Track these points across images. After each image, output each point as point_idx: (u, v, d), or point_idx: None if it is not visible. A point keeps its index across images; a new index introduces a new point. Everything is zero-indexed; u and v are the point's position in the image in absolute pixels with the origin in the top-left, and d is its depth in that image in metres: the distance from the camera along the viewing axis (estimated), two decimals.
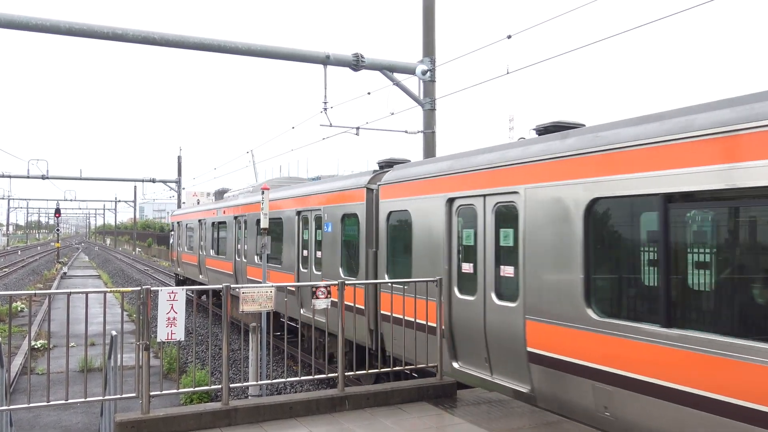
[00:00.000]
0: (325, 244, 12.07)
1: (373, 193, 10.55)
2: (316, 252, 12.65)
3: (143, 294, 6.02)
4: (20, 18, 11.14)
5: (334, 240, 11.71)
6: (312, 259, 12.90)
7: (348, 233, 11.37)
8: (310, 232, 12.96)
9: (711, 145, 5.05)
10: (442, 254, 8.58)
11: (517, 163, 7.33)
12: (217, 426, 6.15)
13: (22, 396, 11.08)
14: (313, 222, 12.88)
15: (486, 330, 7.70)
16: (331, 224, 11.83)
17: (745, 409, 4.70)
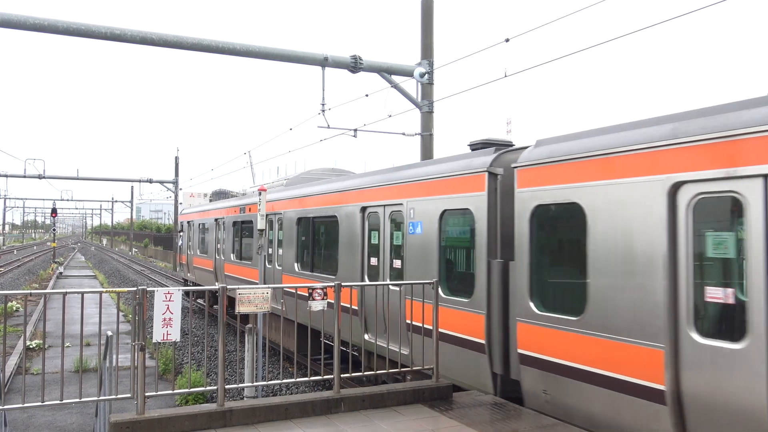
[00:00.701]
0: (409, 250, 9.28)
1: (497, 181, 7.80)
2: (392, 261, 9.91)
3: (139, 294, 6.01)
4: (18, 17, 11.13)
5: (424, 246, 8.92)
6: (385, 269, 10.07)
7: (451, 236, 8.67)
8: (383, 235, 10.13)
9: None
10: (661, 269, 5.49)
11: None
12: (213, 427, 6.14)
13: (16, 396, 11.06)
14: (387, 221, 10.10)
15: None
16: (421, 224, 9.05)
17: None
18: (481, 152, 8.42)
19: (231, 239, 18.20)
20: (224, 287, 6.50)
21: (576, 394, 6.34)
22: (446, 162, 8.93)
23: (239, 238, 17.63)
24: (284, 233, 14.08)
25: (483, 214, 7.84)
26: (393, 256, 9.93)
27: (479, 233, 7.88)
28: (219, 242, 19.56)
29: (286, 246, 13.96)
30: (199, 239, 22.74)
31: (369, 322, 10.25)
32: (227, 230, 18.61)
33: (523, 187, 7.29)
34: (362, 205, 10.76)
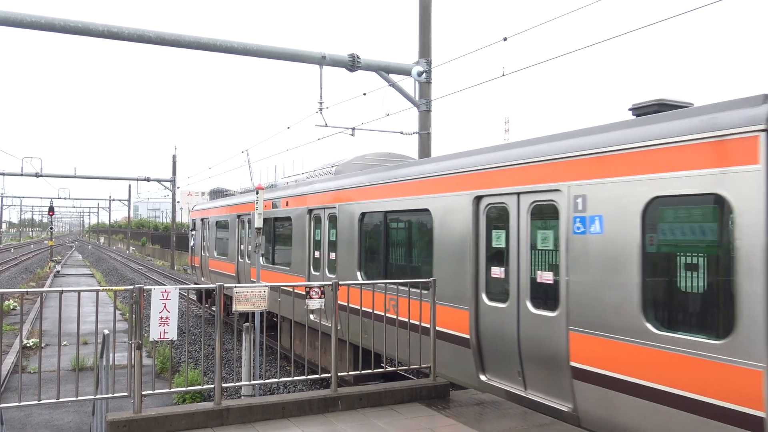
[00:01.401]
0: (575, 260, 6.40)
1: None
2: (535, 273, 7.02)
3: (136, 293, 6.00)
4: (15, 15, 11.09)
5: (608, 253, 6.05)
6: (521, 285, 7.17)
7: (671, 238, 5.81)
8: (518, 235, 7.25)
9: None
10: None
11: None
12: (210, 426, 6.14)
13: (13, 394, 11.02)
14: (525, 216, 7.15)
15: None
16: (600, 219, 6.15)
17: None
18: (724, 105, 5.32)
19: (264, 239, 15.77)
20: (221, 286, 6.49)
21: None
22: (638, 126, 6.01)
23: (271, 238, 15.19)
24: (339, 233, 11.15)
25: (755, 202, 4.85)
26: (538, 268, 6.97)
27: (745, 233, 4.91)
28: (243, 243, 16.83)
29: (343, 249, 11.05)
30: (216, 239, 19.87)
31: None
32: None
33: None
34: (476, 194, 7.71)
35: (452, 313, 8.03)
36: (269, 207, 14.64)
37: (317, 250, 12.32)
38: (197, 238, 22.78)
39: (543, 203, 6.95)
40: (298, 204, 13.14)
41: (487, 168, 7.71)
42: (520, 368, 7.09)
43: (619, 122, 6.38)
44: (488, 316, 7.56)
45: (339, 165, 12.90)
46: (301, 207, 13.03)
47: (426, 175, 8.92)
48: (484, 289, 7.69)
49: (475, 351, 7.70)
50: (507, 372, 7.33)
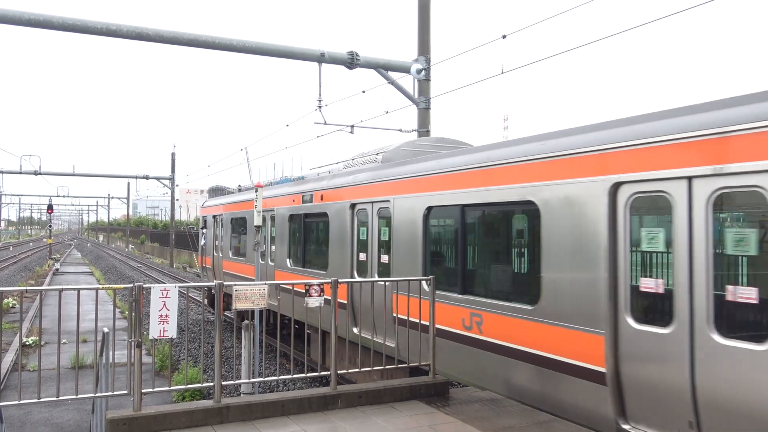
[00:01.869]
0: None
1: None
2: (720, 286, 5.10)
3: (135, 291, 6.00)
4: (13, 12, 11.08)
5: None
6: (694, 305, 5.19)
7: None
8: (677, 235, 5.36)
9: None
10: None
11: None
12: (209, 424, 6.14)
13: (12, 393, 11.03)
14: (703, 208, 5.17)
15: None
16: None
17: None
18: None
19: (288, 239, 13.53)
20: (221, 284, 6.49)
21: None
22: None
23: (300, 236, 12.98)
24: (395, 232, 9.43)
25: None
26: (729, 281, 5.08)
27: None
28: (265, 242, 15.19)
29: (399, 251, 9.27)
30: (232, 238, 17.83)
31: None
32: (281, 227, 13.97)
33: None
34: (615, 180, 5.82)
35: (576, 338, 6.19)
36: (298, 202, 12.98)
37: (363, 252, 10.41)
38: (209, 237, 20.46)
39: (738, 191, 4.95)
40: (337, 198, 11.21)
41: (637, 144, 5.68)
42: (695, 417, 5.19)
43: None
44: (635, 343, 5.65)
45: (386, 152, 11.02)
46: (340, 201, 11.10)
47: (530, 157, 6.91)
48: (627, 307, 5.73)
49: (614, 390, 5.80)
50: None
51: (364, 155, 11.77)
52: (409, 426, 6.27)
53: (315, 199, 12.24)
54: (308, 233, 12.86)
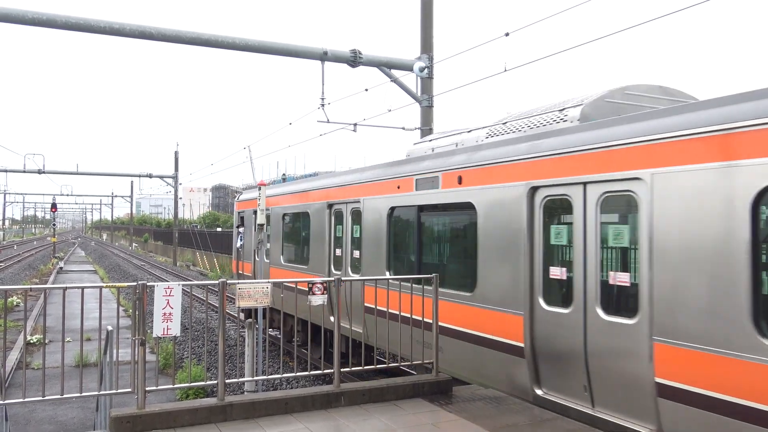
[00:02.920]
0: None
1: None
2: None
3: (139, 289, 6.02)
4: (16, 12, 11.10)
5: None
6: None
7: None
8: None
9: None
10: None
11: None
12: (213, 421, 6.15)
13: (17, 391, 11.08)
14: None
15: None
16: None
17: None
18: None
19: (386, 243, 9.89)
20: (224, 282, 6.50)
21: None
22: None
23: (413, 237, 9.47)
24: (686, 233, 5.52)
25: None
26: None
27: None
28: (344, 245, 11.37)
29: (677, 269, 5.53)
30: (285, 240, 14.40)
31: None
32: (373, 226, 10.24)
33: None
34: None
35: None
36: (408, 188, 9.29)
37: (558, 265, 6.91)
38: (246, 238, 16.87)
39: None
40: (496, 179, 7.53)
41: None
42: None
43: None
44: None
45: (584, 104, 7.44)
46: (505, 185, 7.41)
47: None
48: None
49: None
50: None
51: (542, 111, 8.05)
52: (412, 424, 6.28)
53: (444, 182, 8.55)
54: (431, 233, 9.31)
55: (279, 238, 14.54)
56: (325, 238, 12.02)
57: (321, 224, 12.15)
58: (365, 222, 10.50)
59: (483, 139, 8.67)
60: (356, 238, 11.01)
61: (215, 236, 47.02)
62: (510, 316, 7.38)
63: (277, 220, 14.61)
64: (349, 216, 11.24)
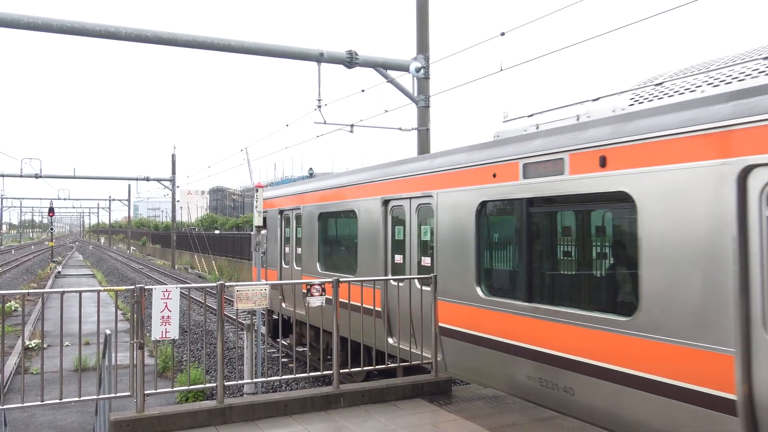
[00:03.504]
0: None
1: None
2: None
3: (137, 293, 6.01)
4: (12, 16, 11.08)
5: None
6: None
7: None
8: None
9: None
10: None
11: None
12: (213, 424, 6.15)
13: (16, 395, 11.05)
14: None
15: None
16: None
17: None
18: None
19: (475, 248, 7.75)
20: (222, 284, 6.49)
21: None
22: None
23: (521, 246, 7.17)
24: None
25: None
26: None
27: None
28: (409, 252, 9.32)
29: None
30: (322, 244, 12.27)
31: None
32: (454, 226, 8.17)
33: None
34: None
35: None
36: (510, 176, 7.15)
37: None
38: (272, 242, 14.64)
39: None
40: (671, 158, 5.38)
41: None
42: None
43: None
44: None
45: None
46: (688, 166, 5.25)
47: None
48: None
49: None
50: None
51: (704, 69, 6.16)
52: (412, 424, 6.28)
53: (574, 165, 6.39)
54: (529, 234, 7.07)
55: (314, 242, 12.34)
56: (378, 241, 9.89)
57: (373, 225, 10.06)
58: (441, 221, 8.36)
59: (626, 107, 6.51)
60: (425, 242, 8.92)
61: (213, 239, 46.99)
62: (707, 353, 4.93)
63: (310, 220, 12.50)
64: (415, 214, 9.14)
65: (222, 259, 43.26)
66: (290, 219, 13.85)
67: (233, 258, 41.56)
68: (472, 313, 7.61)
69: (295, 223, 13.51)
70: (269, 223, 14.65)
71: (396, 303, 8.76)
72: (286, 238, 14.04)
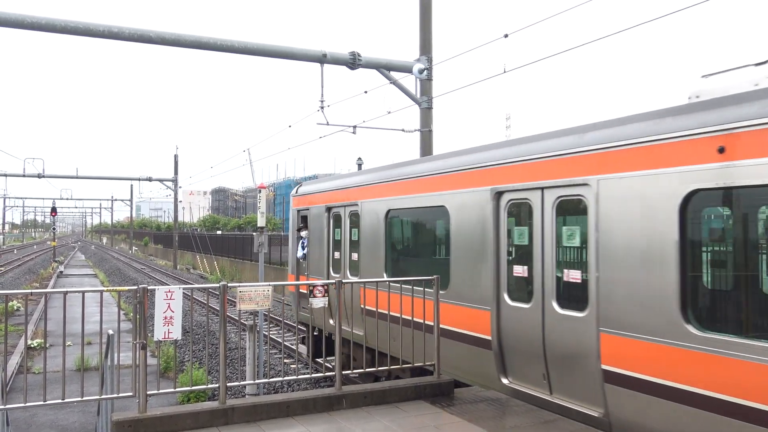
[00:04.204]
0: None
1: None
2: None
3: (140, 293, 6.01)
4: (15, 16, 11.10)
5: None
6: None
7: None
8: None
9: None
10: None
11: None
12: (215, 425, 6.14)
13: (18, 395, 11.06)
14: None
15: None
16: None
17: None
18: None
19: (676, 261, 5.30)
20: (225, 285, 6.49)
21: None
22: None
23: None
24: None
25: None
26: None
27: None
28: (542, 260, 6.87)
29: None
30: (391, 251, 10.02)
31: None
32: (628, 228, 5.76)
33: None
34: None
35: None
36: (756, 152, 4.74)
37: None
38: (315, 246, 12.24)
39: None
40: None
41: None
42: None
43: None
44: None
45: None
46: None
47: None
48: None
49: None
50: None
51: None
52: (414, 426, 6.27)
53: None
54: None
55: (378, 246, 9.93)
56: (485, 249, 7.56)
57: (475, 224, 7.76)
58: (606, 220, 5.95)
59: None
60: (570, 249, 6.67)
61: (215, 239, 47.05)
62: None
63: (373, 220, 10.04)
64: (552, 210, 6.72)
65: (224, 260, 43.31)
66: (341, 218, 11.22)
67: (235, 258, 41.60)
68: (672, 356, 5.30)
69: (349, 223, 11.03)
70: (312, 222, 12.38)
71: (515, 331, 7.09)
72: (336, 240, 11.44)
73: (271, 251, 31.95)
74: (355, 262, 10.79)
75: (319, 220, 12.04)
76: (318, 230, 12.07)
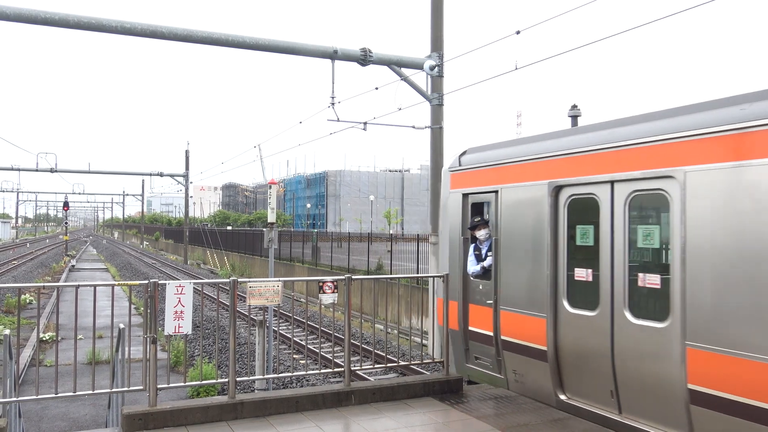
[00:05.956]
0: None
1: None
2: None
3: (151, 287, 6.04)
4: (29, 11, 11.17)
5: None
6: None
7: None
8: None
9: None
10: None
11: None
12: (224, 419, 6.17)
13: (30, 387, 11.17)
14: None
15: None
16: None
17: None
18: None
19: None
20: (235, 280, 6.51)
21: None
22: None
23: None
24: None
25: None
26: None
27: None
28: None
29: None
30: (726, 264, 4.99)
31: None
32: None
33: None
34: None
35: None
36: None
37: None
38: (521, 255, 6.99)
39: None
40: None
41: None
42: None
43: None
44: None
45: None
46: None
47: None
48: None
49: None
50: None
51: None
52: (422, 422, 6.27)
53: None
54: None
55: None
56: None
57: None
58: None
59: None
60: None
61: (225, 235, 47.24)
62: None
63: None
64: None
65: (234, 255, 43.49)
66: (595, 206, 6.11)
67: (245, 254, 41.75)
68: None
69: (627, 217, 5.85)
70: (505, 215, 7.30)
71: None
72: (577, 247, 6.43)
73: (281, 247, 32.05)
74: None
75: (525, 210, 7.05)
76: (524, 228, 7.03)
